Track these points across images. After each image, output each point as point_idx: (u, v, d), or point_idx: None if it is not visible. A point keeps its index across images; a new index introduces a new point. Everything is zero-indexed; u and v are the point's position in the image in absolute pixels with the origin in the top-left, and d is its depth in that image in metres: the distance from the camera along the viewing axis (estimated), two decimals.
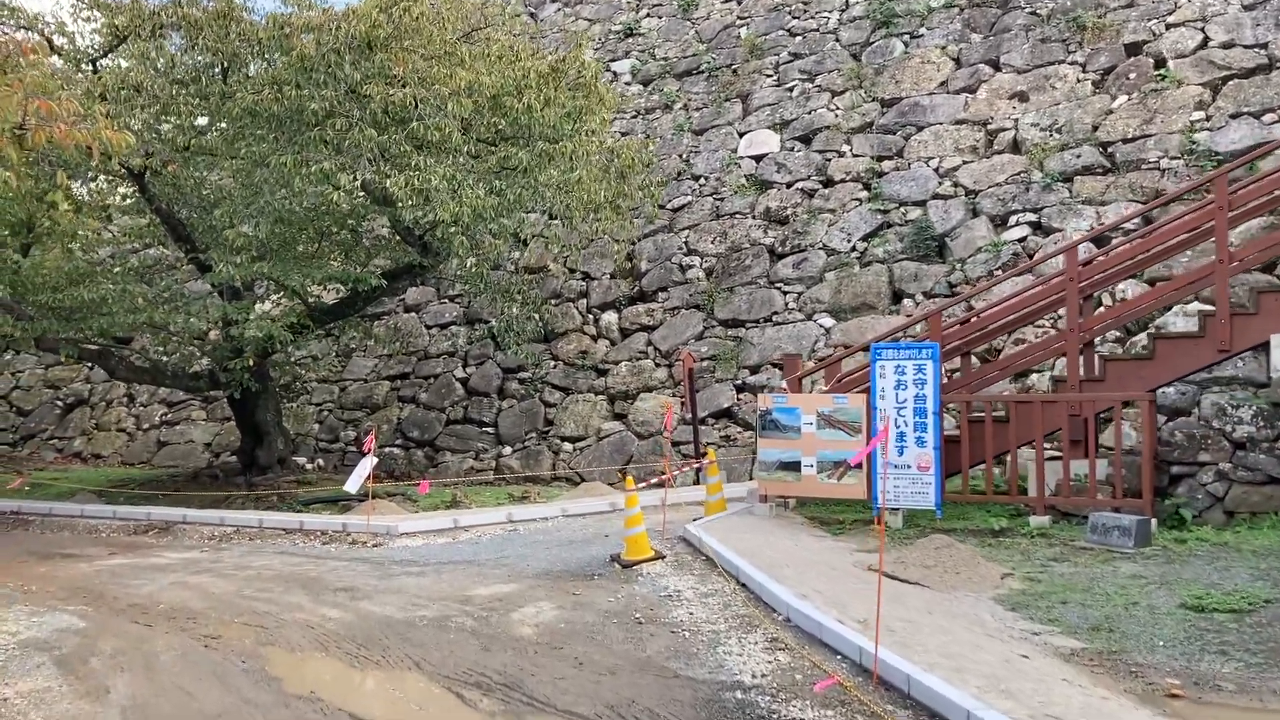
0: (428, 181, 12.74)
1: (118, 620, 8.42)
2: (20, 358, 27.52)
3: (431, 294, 22.48)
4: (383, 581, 9.88)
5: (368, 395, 21.53)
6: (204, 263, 16.36)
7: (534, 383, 19.62)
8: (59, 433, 25.58)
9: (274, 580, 10.23)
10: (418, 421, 20.35)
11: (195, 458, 22.59)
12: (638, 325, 19.35)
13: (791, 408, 11.34)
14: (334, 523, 13.48)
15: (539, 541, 11.89)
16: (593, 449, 18.11)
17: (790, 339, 17.61)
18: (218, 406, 23.38)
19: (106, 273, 16.34)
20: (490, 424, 19.59)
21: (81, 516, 15.33)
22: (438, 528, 13.10)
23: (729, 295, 18.72)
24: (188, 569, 11.16)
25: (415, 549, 12.07)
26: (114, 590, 9.89)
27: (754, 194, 20.02)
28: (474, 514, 13.88)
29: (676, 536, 11.05)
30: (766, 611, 7.85)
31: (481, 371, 20.36)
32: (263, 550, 12.54)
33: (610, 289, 20.11)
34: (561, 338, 19.96)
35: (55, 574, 11.03)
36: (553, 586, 9.23)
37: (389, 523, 13.13)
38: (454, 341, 21.24)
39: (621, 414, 18.40)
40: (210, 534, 13.88)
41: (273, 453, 18.40)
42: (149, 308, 15.20)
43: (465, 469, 19.05)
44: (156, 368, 17.68)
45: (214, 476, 18.88)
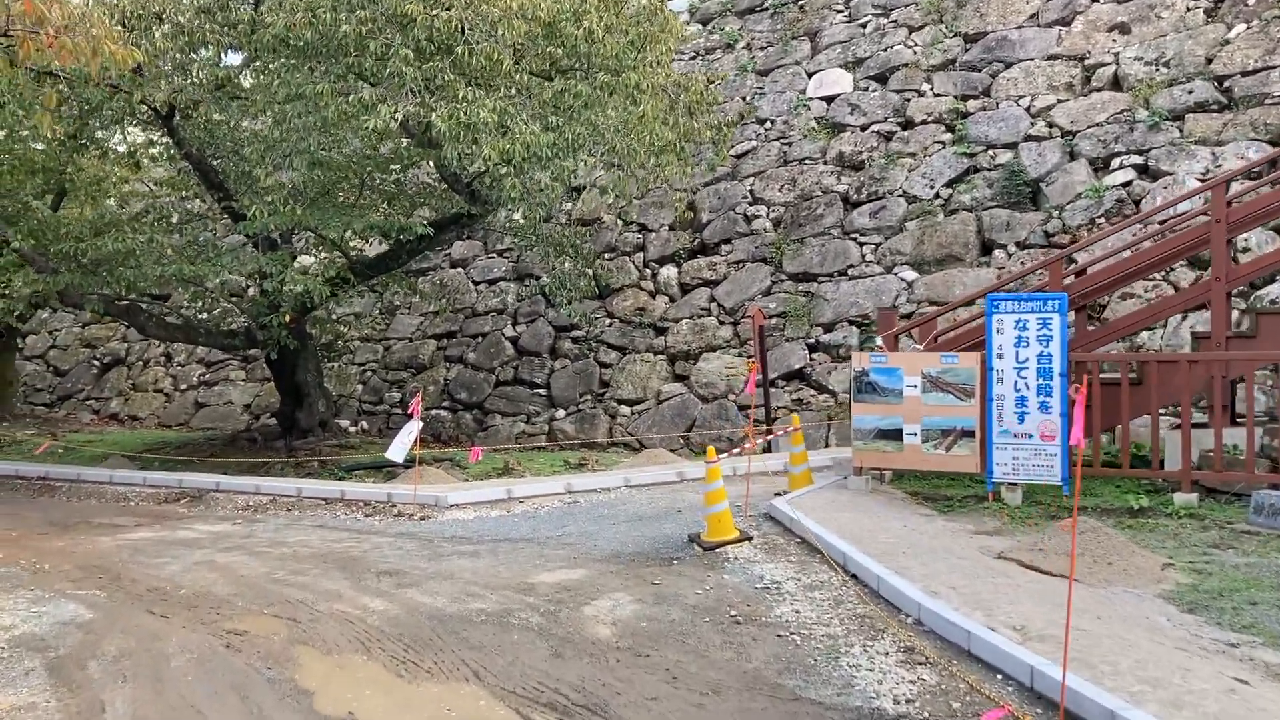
0: (475, 115, 11.42)
1: (131, 610, 7.31)
2: (57, 315, 26.74)
3: (479, 248, 21.25)
4: (432, 563, 8.71)
5: (413, 355, 20.40)
6: (238, 212, 15.21)
7: (588, 342, 18.37)
8: (96, 393, 24.77)
9: (311, 560, 9.09)
10: (466, 383, 19.19)
11: (234, 420, 21.65)
12: (699, 280, 18.00)
13: (892, 368, 9.98)
14: (378, 493, 12.35)
15: (603, 516, 10.67)
16: (652, 413, 16.85)
17: (868, 294, 16.19)
18: (257, 367, 22.40)
19: (133, 222, 15.22)
20: (542, 385, 18.39)
21: (110, 483, 14.34)
22: (490, 499, 11.93)
23: (799, 247, 17.29)
24: (217, 545, 10.07)
25: (466, 523, 10.91)
26: (133, 570, 8.80)
27: (825, 138, 18.52)
28: (529, 483, 12.70)
29: (761, 514, 9.78)
30: (890, 611, 6.56)
31: (532, 330, 19.13)
32: (300, 523, 11.44)
33: (669, 241, 18.74)
34: (617, 294, 18.66)
35: (73, 549, 9.99)
36: (627, 573, 8.00)
37: (437, 493, 11.98)
38: (503, 298, 20.02)
39: (683, 375, 17.10)
40: (244, 504, 12.82)
41: (313, 415, 17.33)
42: (179, 259, 14.08)
43: (516, 433, 17.88)
44: (189, 325, 16.62)
45: (252, 440, 17.87)
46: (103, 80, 12.76)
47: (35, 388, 25.82)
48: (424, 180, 17.29)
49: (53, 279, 13.67)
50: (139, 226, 14.84)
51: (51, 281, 13.65)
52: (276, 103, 13.58)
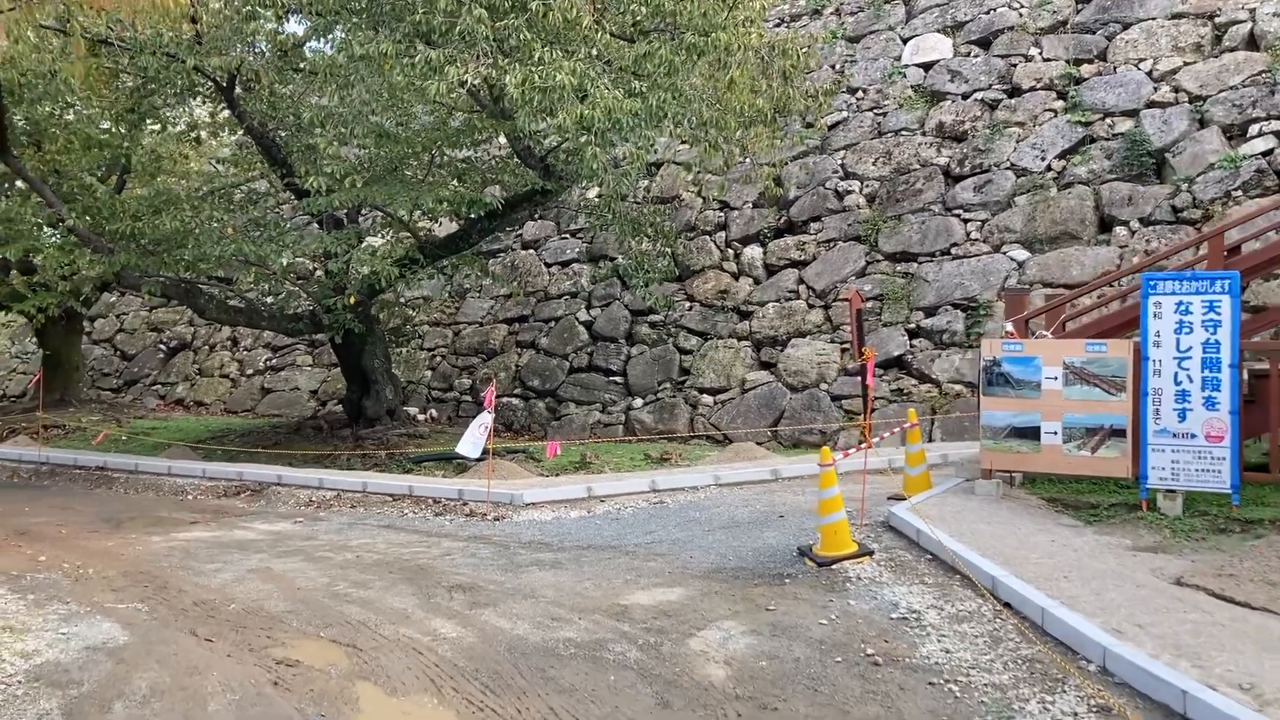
0: (552, 78, 10.39)
1: (172, 631, 6.44)
2: (124, 299, 26.43)
3: (551, 229, 20.30)
4: (509, 576, 7.73)
5: (483, 340, 19.54)
6: (301, 189, 14.42)
7: (667, 327, 17.32)
8: (162, 378, 24.35)
9: (375, 568, 8.18)
10: (538, 369, 18.27)
11: (300, 406, 21.01)
12: (786, 261, 16.83)
13: (1028, 357, 8.76)
14: (448, 489, 11.44)
15: (695, 520, 9.62)
16: (736, 403, 15.75)
17: (974, 275, 14.90)
18: (324, 352, 21.74)
19: (193, 200, 14.49)
20: (618, 373, 17.39)
21: (169, 475, 13.66)
22: (569, 497, 10.96)
23: (896, 224, 16.03)
24: (275, 547, 9.22)
25: (544, 525, 9.94)
26: (181, 579, 7.97)
27: (923, 107, 17.20)
28: (610, 480, 11.70)
29: (878, 522, 8.65)
30: (1064, 654, 5.42)
31: (608, 314, 18.13)
32: (365, 522, 10.57)
33: (753, 219, 17.60)
34: (697, 276, 17.57)
35: (121, 551, 9.21)
36: (733, 594, 6.94)
37: (512, 490, 11.04)
38: (576, 281, 19.05)
39: (769, 363, 15.97)
40: (307, 499, 12.00)
41: (381, 403, 16.55)
42: (240, 239, 13.30)
43: (591, 423, 16.91)
44: (252, 308, 15.89)
45: (318, 428, 17.14)
46: (158, 49, 12.01)
47: (102, 372, 25.52)
48: (495, 155, 16.35)
49: (110, 260, 12.97)
50: (199, 205, 14.10)
51: (108, 262, 12.96)
52: (339, 70, 12.74)
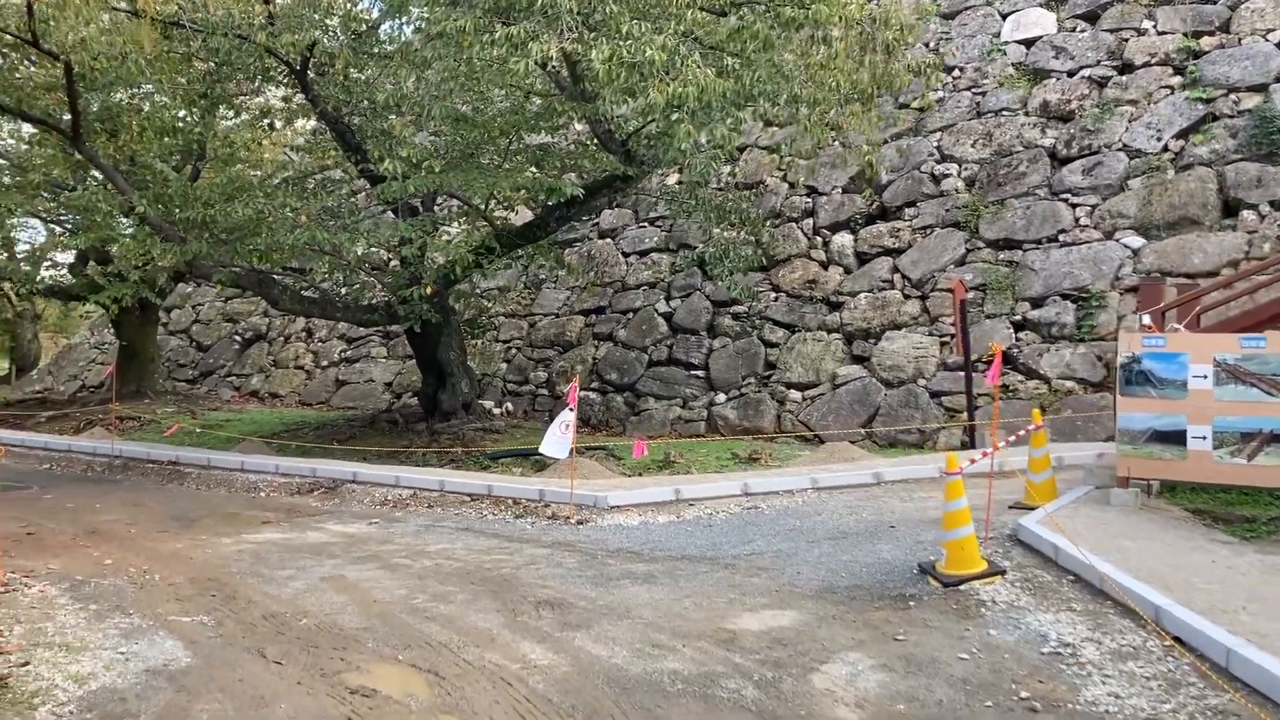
0: (641, 53, 9.70)
1: (238, 651, 5.90)
2: (200, 289, 26.39)
3: (629, 217, 19.66)
4: (600, 591, 7.09)
5: (559, 332, 18.97)
6: (376, 175, 13.95)
7: (751, 318, 16.57)
8: (237, 369, 24.23)
9: (455, 579, 7.60)
10: (616, 362, 17.64)
11: (375, 398, 20.66)
12: (879, 248, 15.97)
13: (1172, 354, 7.88)
14: (528, 489, 10.85)
15: (796, 530, 8.90)
16: (827, 399, 14.95)
17: (1084, 263, 13.92)
18: (399, 343, 21.38)
19: (265, 186, 14.09)
20: (700, 366, 16.68)
21: (241, 470, 13.29)
22: (656, 500, 10.30)
23: (998, 209, 15.09)
24: (349, 552, 8.70)
25: (632, 531, 9.29)
26: (250, 588, 7.46)
27: (1025, 86, 16.20)
28: (698, 482, 11.01)
29: (1004, 535, 7.84)
30: (1262, 704, 4.61)
31: (688, 305, 17.43)
32: (442, 524, 10.02)
33: (842, 205, 16.75)
34: (783, 265, 16.78)
35: (190, 554, 8.76)
36: (853, 618, 6.21)
37: (596, 491, 10.41)
38: (655, 271, 18.38)
39: (862, 356, 15.13)
40: (382, 498, 11.51)
41: (457, 396, 16.06)
42: (313, 227, 12.84)
43: (671, 419, 16.24)
44: (325, 298, 15.48)
45: (393, 422, 16.71)
46: (230, 29, 11.57)
47: (178, 363, 25.51)
48: (574, 140, 15.74)
49: (181, 248, 12.60)
50: (272, 192, 13.69)
51: (180, 251, 12.59)
52: (415, 52, 12.22)
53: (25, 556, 8.62)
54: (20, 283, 18.79)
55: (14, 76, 12.47)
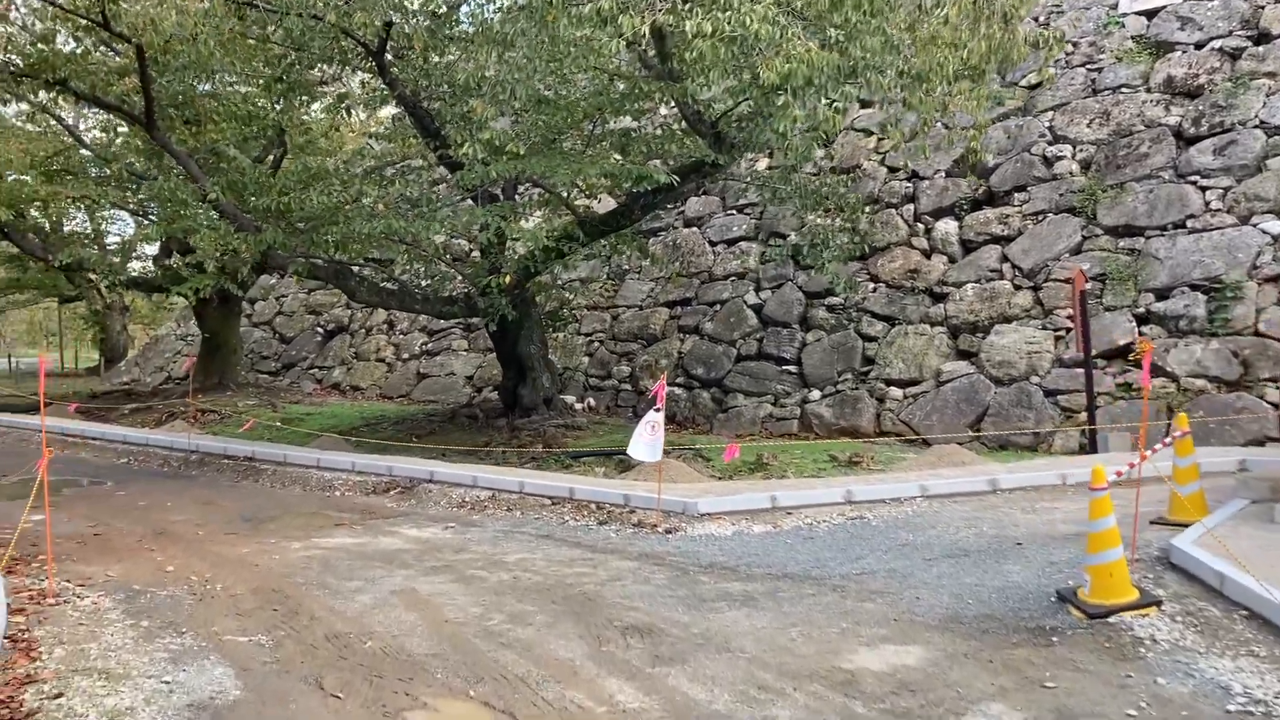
0: (742, 24, 8.92)
1: (294, 681, 5.31)
2: (284, 281, 26.31)
3: (716, 204, 18.87)
4: (694, 615, 6.35)
5: (643, 324, 18.27)
6: (455, 161, 13.40)
7: (847, 310, 15.66)
8: (319, 362, 24.05)
9: (534, 596, 6.94)
10: (702, 356, 16.88)
11: (455, 392, 20.23)
12: (986, 236, 14.93)
13: None
14: (612, 494, 10.16)
15: (909, 544, 8.05)
16: (930, 397, 14.00)
17: (1216, 250, 12.74)
18: (479, 336, 20.92)
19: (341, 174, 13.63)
20: (792, 361, 15.83)
21: (316, 468, 12.85)
22: (750, 507, 9.52)
23: (1118, 193, 13.95)
24: (422, 561, 8.11)
25: (725, 542, 8.54)
26: (315, 601, 6.90)
27: (1146, 60, 15.00)
28: (795, 487, 10.21)
29: (1152, 556, 6.91)
30: None
31: (779, 296, 16.58)
32: (522, 530, 9.39)
33: (946, 190, 15.74)
34: (882, 253, 15.84)
35: (256, 560, 8.26)
36: (988, 657, 5.38)
37: (684, 496, 9.67)
38: (744, 261, 17.56)
39: (969, 351, 14.14)
40: (460, 499, 10.94)
41: (537, 391, 15.48)
42: (390, 215, 12.33)
43: (762, 416, 15.43)
44: (404, 290, 15.00)
45: (473, 417, 16.20)
46: (304, 9, 11.08)
47: (261, 355, 25.45)
48: (660, 123, 14.99)
49: (256, 238, 12.18)
50: (349, 180, 13.21)
51: (255, 241, 12.17)
52: (495, 32, 11.62)
53: (87, 560, 8.21)
54: (106, 274, 18.72)
55: (87, 62, 12.21)
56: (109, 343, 30.72)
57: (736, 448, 10.08)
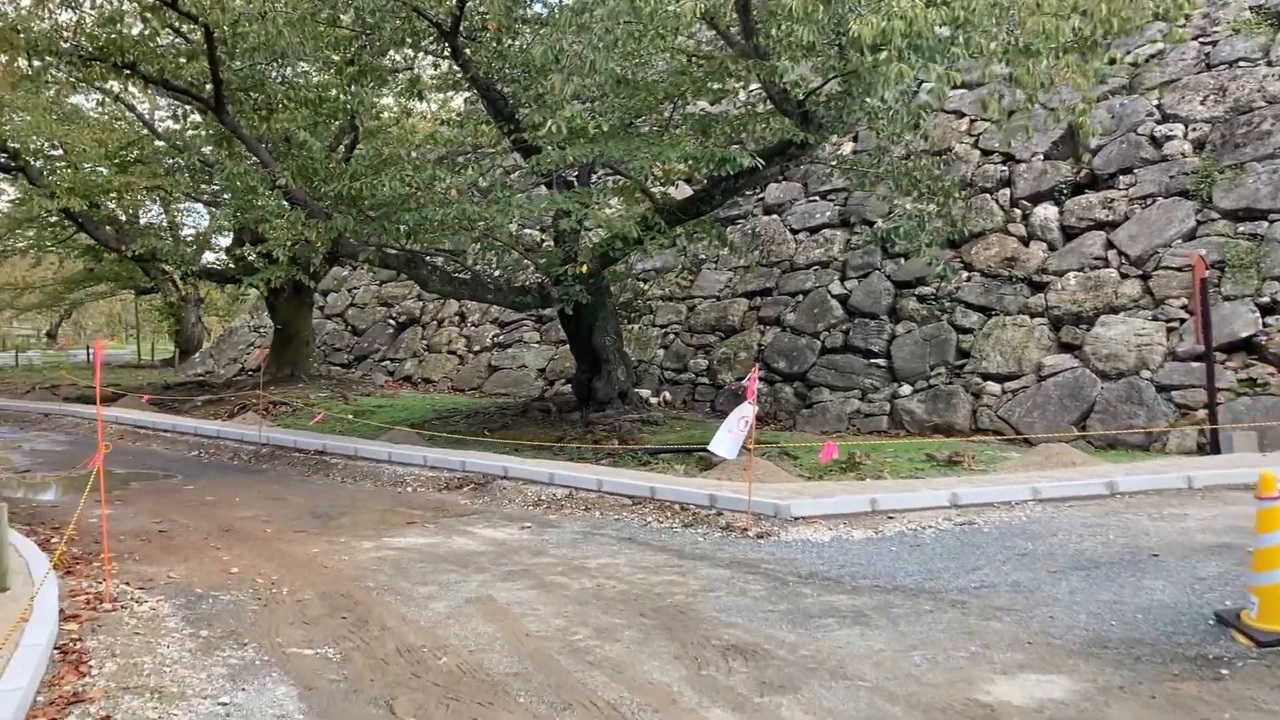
0: None
1: (361, 705, 4.80)
2: (356, 273, 26.14)
3: (797, 190, 18.14)
4: (800, 633, 5.73)
5: (721, 316, 17.62)
6: (529, 145, 12.91)
7: (939, 300, 14.85)
8: (391, 354, 23.80)
9: (621, 607, 6.37)
10: (784, 349, 16.19)
11: (528, 385, 19.78)
12: (1089, 221, 14.03)
13: None
14: (697, 494, 9.55)
15: (1028, 554, 7.33)
16: (1031, 392, 13.16)
17: None
18: (552, 327, 20.45)
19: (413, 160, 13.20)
20: (880, 354, 15.07)
21: (388, 462, 12.46)
22: (847, 510, 8.85)
23: (1236, 175, 12.96)
24: (499, 565, 7.59)
25: (823, 549, 7.89)
26: (386, 609, 6.41)
27: (1268, 32, 13.96)
28: (895, 489, 9.52)
29: None
30: None
31: (865, 286, 15.82)
32: (602, 531, 8.84)
33: (1044, 173, 14.85)
34: (976, 240, 15.00)
35: (325, 561, 7.82)
36: (1146, 690, 4.67)
37: (776, 498, 9.03)
38: (827, 249, 16.81)
39: (1072, 344, 13.27)
40: (535, 497, 10.43)
41: (613, 384, 14.94)
42: (463, 201, 11.86)
43: (849, 412, 14.70)
44: (477, 279, 14.55)
45: (546, 411, 15.72)
46: None
47: (334, 347, 25.29)
48: (743, 104, 14.33)
49: (326, 225, 11.80)
50: (421, 165, 12.77)
51: (325, 228, 11.79)
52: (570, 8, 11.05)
53: (150, 560, 7.83)
54: (178, 265, 18.60)
55: (155, 44, 11.93)
56: (184, 334, 30.90)
57: (834, 447, 9.39)
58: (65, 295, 29.20)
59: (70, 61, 11.60)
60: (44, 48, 10.90)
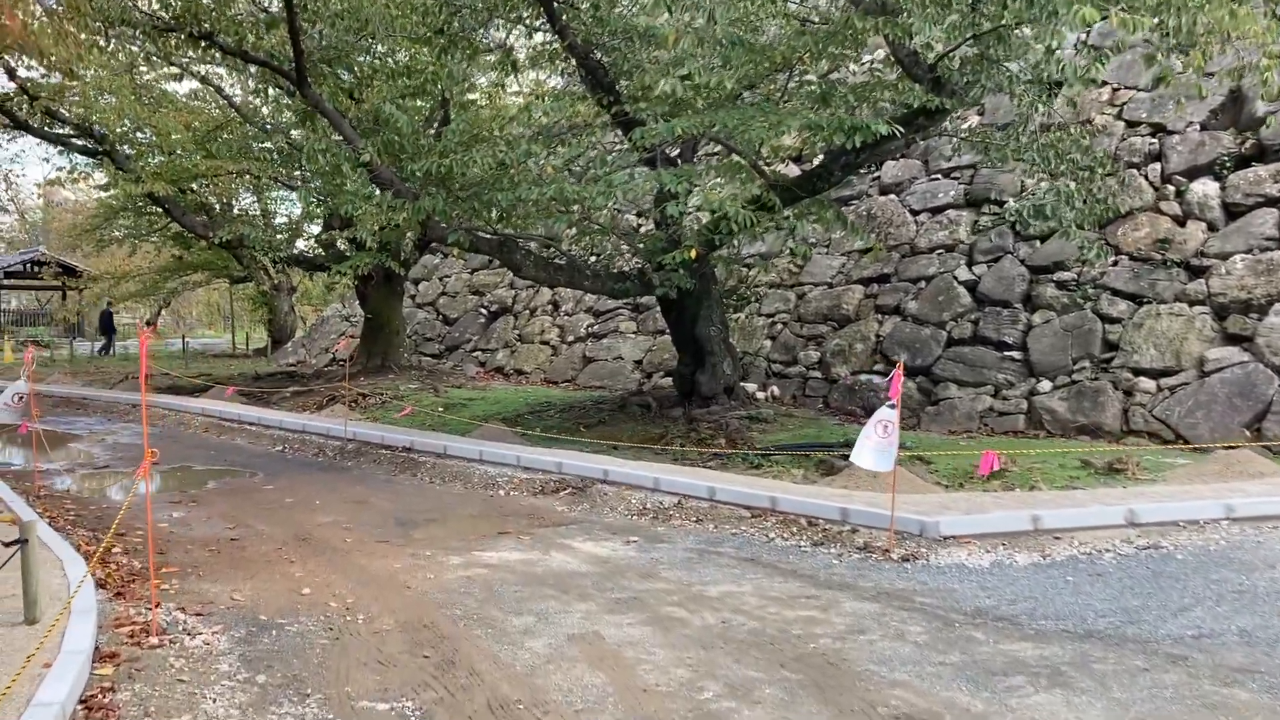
0: None
1: None
2: (447, 260, 25.45)
3: (917, 168, 16.77)
4: (985, 700, 4.57)
5: (834, 304, 16.35)
6: (630, 119, 11.85)
7: (1082, 287, 13.39)
8: (482, 344, 23.03)
9: (754, 653, 5.28)
10: (905, 340, 14.87)
11: (623, 377, 18.78)
12: (1258, 198, 12.44)
13: None
14: (825, 506, 8.39)
15: (1246, 590, 6.04)
16: (1193, 390, 11.67)
17: None
18: (649, 317, 19.41)
19: (507, 135, 12.25)
20: (1015, 346, 13.67)
21: (479, 461, 11.53)
22: (1004, 529, 7.61)
23: None
24: (604, 590, 6.56)
25: (984, 578, 6.68)
26: (475, 647, 5.42)
27: None
28: (1056, 504, 8.23)
29: None
30: None
31: (997, 271, 14.42)
32: (719, 549, 7.75)
33: (1201, 146, 13.27)
34: (1124, 220, 13.49)
35: (407, 580, 6.88)
36: None
37: (918, 513, 7.83)
38: (952, 231, 15.42)
39: (1240, 335, 11.74)
40: (639, 505, 9.38)
41: (717, 378, 13.83)
42: (559, 179, 10.87)
43: (980, 410, 13.35)
44: (573, 265, 13.55)
45: (645, 406, 14.65)
46: None
47: (425, 337, 24.65)
48: (866, 67, 13.08)
49: (413, 205, 10.91)
50: (515, 140, 11.81)
51: (412, 209, 10.90)
52: None
53: (215, 576, 6.99)
54: (265, 251, 18.02)
55: (231, 11, 11.19)
56: (276, 323, 30.64)
57: (994, 457, 8.14)
58: (161, 284, 29.11)
59: (145, 32, 10.93)
60: (116, 17, 10.22)
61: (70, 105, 16.35)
